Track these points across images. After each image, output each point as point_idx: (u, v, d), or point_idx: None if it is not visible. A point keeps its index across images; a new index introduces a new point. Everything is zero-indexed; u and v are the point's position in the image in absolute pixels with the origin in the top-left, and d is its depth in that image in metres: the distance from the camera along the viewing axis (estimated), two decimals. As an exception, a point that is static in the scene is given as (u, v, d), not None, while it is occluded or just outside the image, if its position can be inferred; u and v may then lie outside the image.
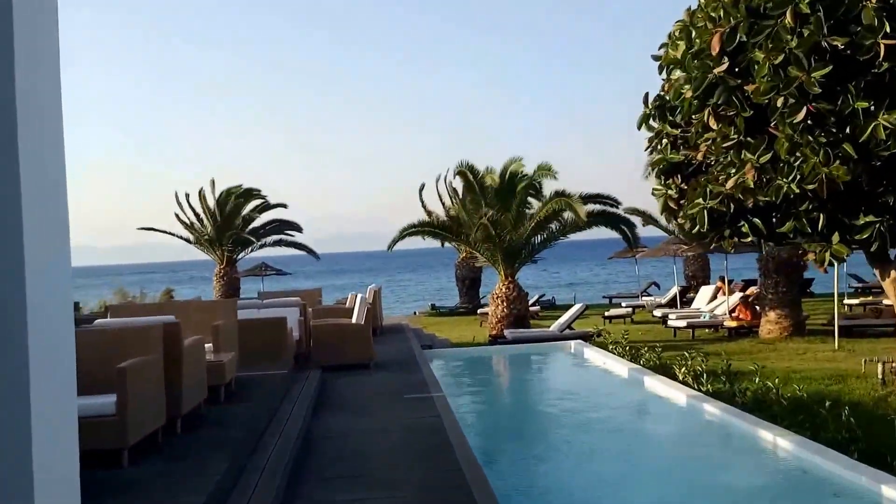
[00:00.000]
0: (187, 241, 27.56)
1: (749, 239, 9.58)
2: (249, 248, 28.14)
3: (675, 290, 24.24)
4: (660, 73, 9.18)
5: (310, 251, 28.84)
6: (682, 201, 9.73)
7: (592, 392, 11.39)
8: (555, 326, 16.42)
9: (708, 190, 9.03)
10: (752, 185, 8.34)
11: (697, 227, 9.30)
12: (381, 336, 16.25)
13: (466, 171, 17.13)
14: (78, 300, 19.80)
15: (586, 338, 15.44)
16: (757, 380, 10.24)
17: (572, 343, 14.88)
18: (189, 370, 7.18)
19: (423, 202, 28.00)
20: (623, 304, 24.30)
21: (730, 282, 23.63)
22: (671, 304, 23.67)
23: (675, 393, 10.11)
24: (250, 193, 27.73)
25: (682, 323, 17.60)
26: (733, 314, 17.59)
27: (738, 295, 19.17)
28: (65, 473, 2.02)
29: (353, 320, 12.04)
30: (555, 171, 16.56)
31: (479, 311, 24.32)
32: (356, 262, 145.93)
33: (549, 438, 8.87)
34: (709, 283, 27.32)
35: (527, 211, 17.70)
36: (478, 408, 10.75)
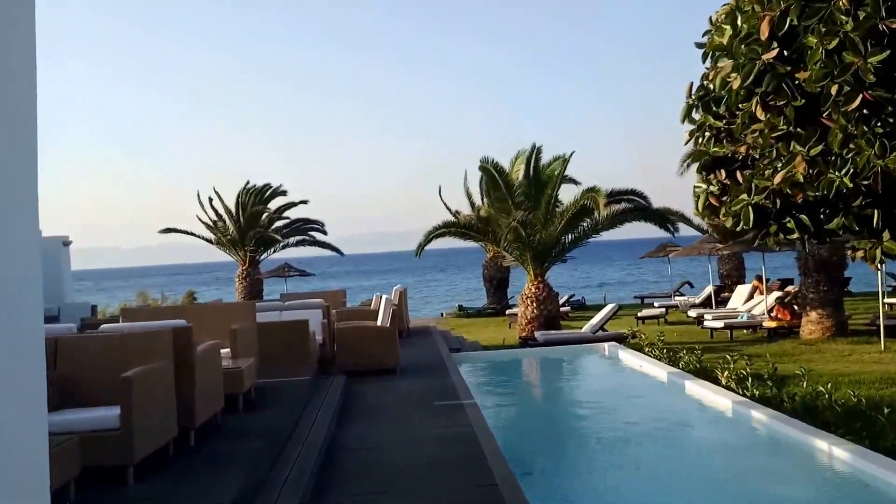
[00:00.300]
0: (209, 241, 27.40)
1: (794, 236, 9.05)
2: (272, 249, 27.92)
3: (709, 289, 23.55)
4: (703, 61, 8.69)
5: (335, 249, 28.54)
6: (724, 198, 9.23)
7: (630, 398, 10.88)
8: (587, 328, 15.91)
9: (753, 185, 8.52)
10: (801, 180, 7.82)
11: (741, 224, 8.81)
12: (408, 339, 15.86)
13: (490, 168, 16.63)
14: (96, 303, 19.66)
15: (620, 339, 14.92)
16: (805, 384, 9.69)
17: (606, 345, 14.36)
18: (203, 378, 6.83)
19: (444, 203, 27.63)
20: (656, 304, 23.63)
21: (766, 281, 22.93)
22: (706, 303, 23.00)
23: (718, 399, 9.59)
24: (273, 192, 27.49)
25: (720, 324, 16.98)
26: (772, 314, 16.94)
27: (775, 294, 18.48)
28: (30, 489, 1.79)
29: (378, 323, 11.65)
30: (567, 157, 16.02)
31: (507, 312, 23.83)
32: (383, 263, 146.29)
33: (588, 449, 8.40)
34: (743, 283, 26.59)
35: (557, 208, 17.17)
36: (511, 415, 10.29)
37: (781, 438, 7.89)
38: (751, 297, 20.16)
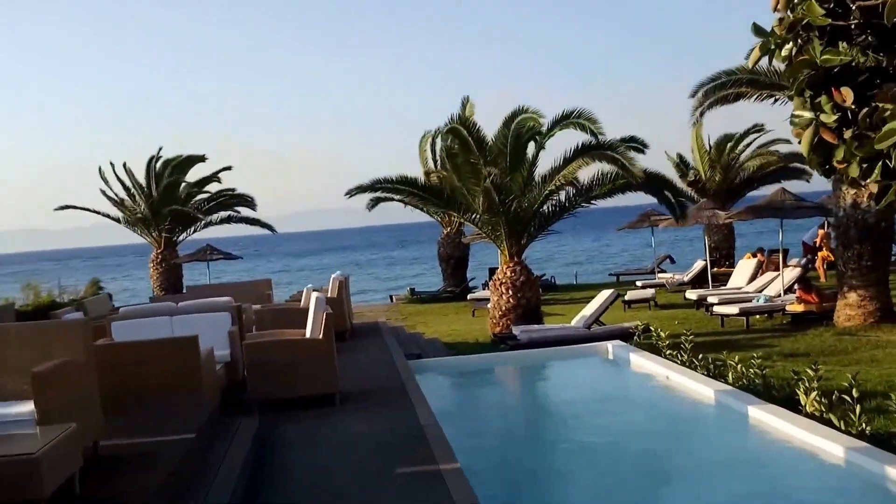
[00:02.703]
0: (116, 220, 23.32)
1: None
2: (192, 228, 23.91)
3: (700, 264, 20.53)
4: None
5: (265, 226, 24.56)
6: (847, 131, 5.94)
7: (673, 437, 7.49)
8: (578, 321, 12.63)
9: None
10: None
11: (874, 174, 5.48)
12: (352, 341, 12.36)
13: (459, 128, 13.03)
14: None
15: (625, 336, 11.68)
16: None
17: (609, 346, 11.09)
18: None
19: (432, 155, 24.03)
20: (638, 284, 20.56)
21: (763, 252, 20.09)
22: (697, 281, 20.01)
23: (813, 440, 6.40)
24: (190, 160, 23.38)
25: (733, 309, 13.92)
26: (798, 296, 13.93)
27: (792, 271, 15.53)
28: None
29: (307, 333, 8.13)
30: (594, 119, 12.44)
31: (469, 297, 20.47)
32: (329, 240, 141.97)
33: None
34: (734, 256, 23.75)
35: (535, 173, 13.73)
36: (508, 483, 6.68)
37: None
38: (755, 274, 17.22)
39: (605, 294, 12.88)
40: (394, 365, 10.04)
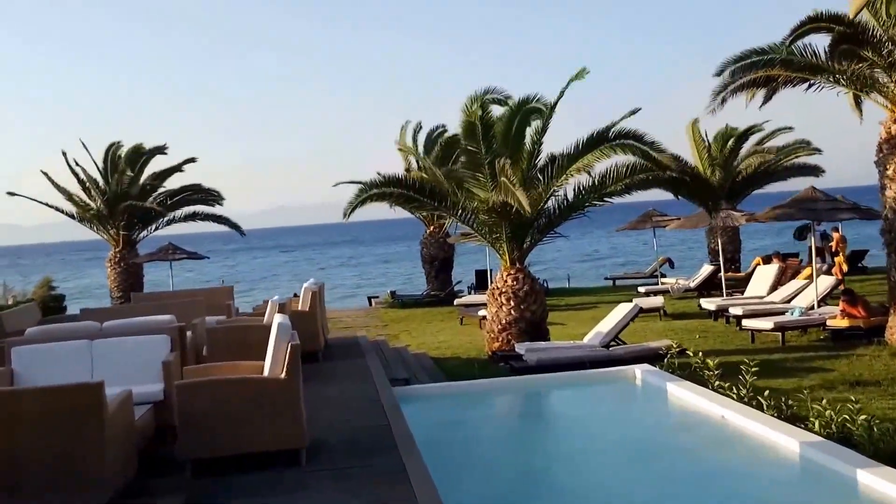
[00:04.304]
0: (71, 216, 21.14)
1: None
2: (154, 225, 21.75)
3: (708, 269, 18.72)
4: None
5: (233, 226, 22.37)
6: None
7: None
8: (593, 338, 10.72)
9: None
10: None
11: None
12: (325, 363, 10.33)
13: (476, 122, 10.98)
14: None
15: (653, 357, 9.79)
16: None
17: (637, 371, 9.18)
18: None
19: (414, 148, 22.18)
20: (642, 290, 18.73)
21: (780, 257, 18.39)
22: (704, 287, 18.22)
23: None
24: (149, 152, 21.18)
25: (767, 324, 12.09)
26: (842, 309, 12.13)
27: (828, 280, 13.76)
28: None
29: (266, 369, 6.14)
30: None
31: (456, 302, 18.52)
32: (308, 236, 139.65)
33: None
34: (738, 260, 22.02)
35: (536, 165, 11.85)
36: None
37: None
38: (779, 281, 15.42)
39: (624, 308, 10.98)
40: (376, 396, 8.08)
